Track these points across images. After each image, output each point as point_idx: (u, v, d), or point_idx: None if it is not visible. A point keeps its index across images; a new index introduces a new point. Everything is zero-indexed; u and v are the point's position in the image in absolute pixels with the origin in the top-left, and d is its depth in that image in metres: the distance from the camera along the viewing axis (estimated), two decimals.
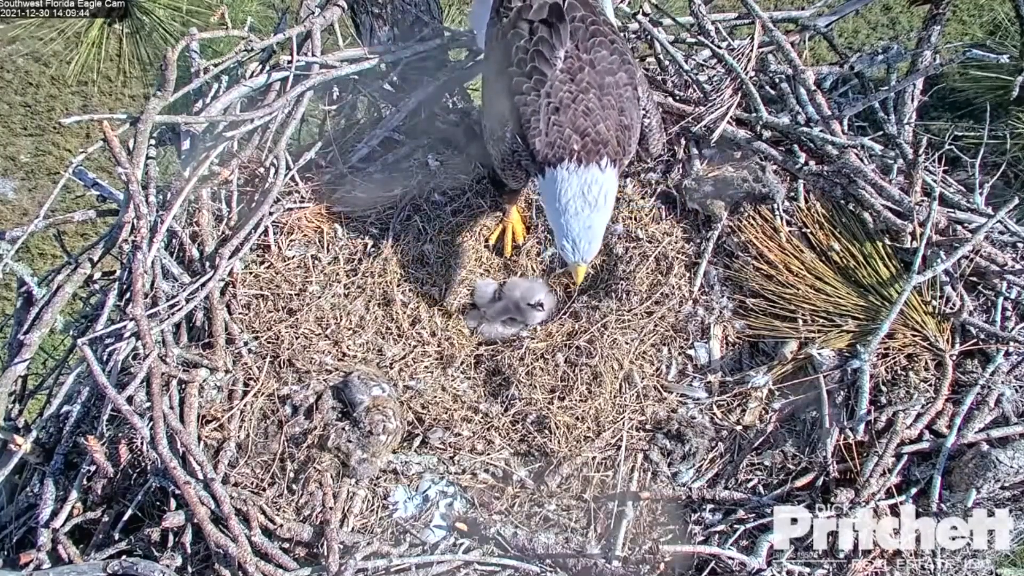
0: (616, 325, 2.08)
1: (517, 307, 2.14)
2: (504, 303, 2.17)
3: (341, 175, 2.30)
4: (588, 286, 2.20)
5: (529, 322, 2.14)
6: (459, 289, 2.23)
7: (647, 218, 2.24)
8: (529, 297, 2.13)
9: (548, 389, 2.01)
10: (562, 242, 1.75)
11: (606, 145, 1.74)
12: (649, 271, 2.17)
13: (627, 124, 1.78)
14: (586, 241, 1.73)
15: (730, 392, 2.00)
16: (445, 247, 2.25)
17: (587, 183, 1.72)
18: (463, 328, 2.20)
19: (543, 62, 1.72)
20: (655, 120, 1.94)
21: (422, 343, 2.14)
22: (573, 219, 1.71)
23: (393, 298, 2.16)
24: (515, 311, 2.15)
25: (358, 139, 2.31)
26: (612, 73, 1.77)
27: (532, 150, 1.71)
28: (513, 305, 2.15)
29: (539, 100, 1.71)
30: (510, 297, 2.16)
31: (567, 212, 1.71)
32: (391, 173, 2.29)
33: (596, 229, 1.74)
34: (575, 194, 1.72)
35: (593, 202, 1.71)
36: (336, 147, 2.28)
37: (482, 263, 2.28)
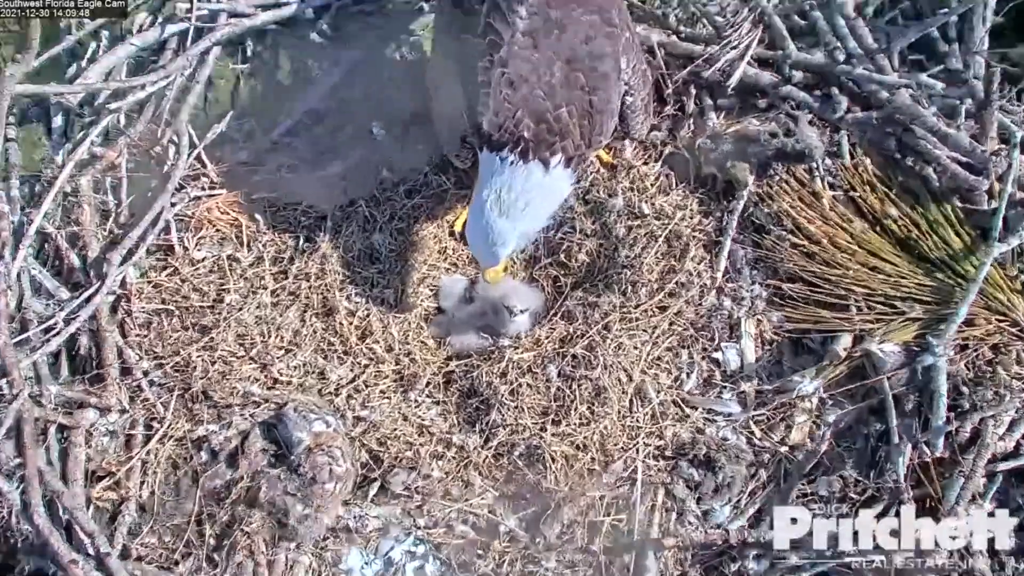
0: (621, 326, 1.98)
1: (494, 311, 2.03)
2: (478, 306, 2.07)
3: (262, 153, 2.21)
4: (583, 277, 2.12)
5: (510, 330, 2.03)
6: (420, 290, 2.12)
7: (653, 188, 2.15)
8: (510, 299, 2.01)
9: (539, 411, 1.93)
10: (471, 236, 1.72)
11: (563, 138, 1.67)
12: (659, 255, 2.08)
13: (598, 109, 1.69)
14: (496, 246, 1.69)
15: (770, 404, 1.93)
16: (400, 237, 2.14)
17: (524, 183, 1.67)
18: (427, 339, 2.08)
19: (500, 20, 1.64)
20: (641, 98, 1.86)
21: (375, 361, 2.03)
22: (490, 216, 1.66)
23: (336, 306, 2.05)
24: (492, 316, 2.04)
25: (282, 107, 2.22)
26: (587, 39, 1.67)
27: (478, 127, 1.66)
28: (490, 308, 2.04)
29: (492, 70, 1.63)
30: (485, 298, 2.05)
31: (486, 208, 1.67)
32: (326, 147, 2.19)
33: (509, 236, 1.69)
34: (504, 190, 1.67)
35: (521, 207, 1.65)
36: (254, 118, 2.20)
37: (447, 255, 2.17)
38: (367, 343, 2.03)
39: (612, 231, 2.13)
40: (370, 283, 2.11)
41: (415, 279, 2.12)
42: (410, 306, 2.09)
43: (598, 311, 2.02)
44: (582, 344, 1.96)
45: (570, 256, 2.16)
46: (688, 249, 2.07)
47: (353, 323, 2.05)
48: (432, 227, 2.18)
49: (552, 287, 2.17)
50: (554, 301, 2.11)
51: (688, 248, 2.07)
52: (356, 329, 2.05)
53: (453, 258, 2.19)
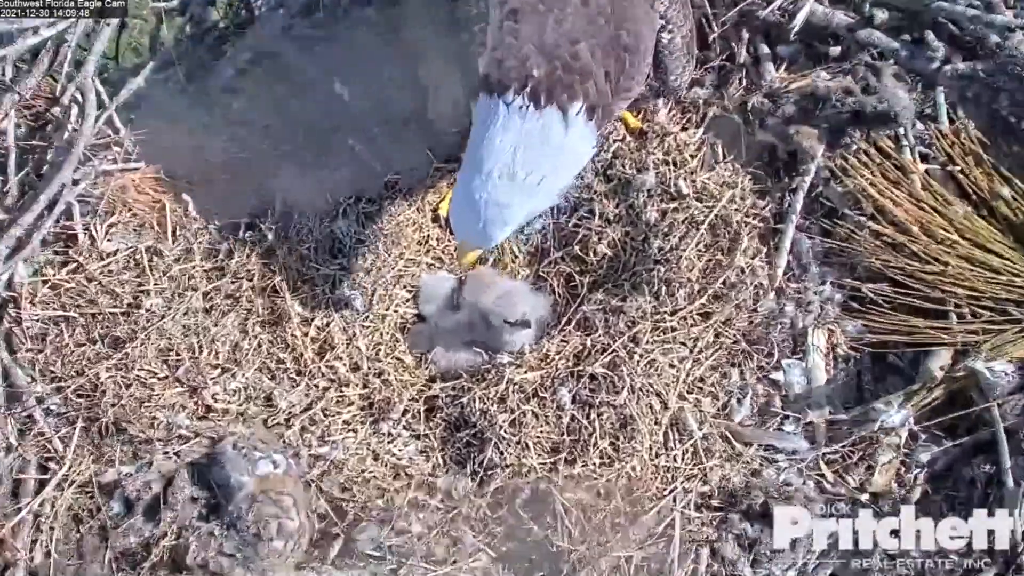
0: (653, 337, 1.93)
1: (486, 322, 1.98)
2: (466, 315, 2.03)
3: (192, 114, 2.14)
4: (604, 275, 2.09)
5: (508, 344, 1.98)
6: (395, 291, 2.08)
7: (694, 161, 2.09)
8: (507, 306, 1.97)
9: (548, 448, 1.88)
10: (457, 207, 1.62)
11: (584, 79, 1.56)
12: (702, 247, 2.02)
13: (627, 46, 1.62)
14: (492, 224, 1.58)
15: (846, 439, 1.87)
16: (369, 224, 2.09)
17: (539, 139, 1.56)
18: (404, 355, 2.04)
19: None
20: (682, 35, 1.78)
21: (337, 383, 1.99)
22: (488, 183, 1.54)
23: (286, 312, 2.01)
24: (484, 329, 1.99)
25: (217, 54, 2.17)
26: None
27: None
28: (481, 319, 1.99)
29: (492, 8, 1.62)
30: (476, 305, 2.01)
31: (484, 170, 1.55)
32: (275, 108, 2.14)
33: (515, 212, 1.59)
34: (509, 147, 1.55)
35: (533, 172, 1.54)
36: (182, 68, 2.13)
37: (430, 247, 2.13)
38: (327, 360, 1.99)
39: (641, 216, 2.07)
40: (331, 282, 2.06)
41: (389, 278, 2.08)
42: (382, 312, 2.05)
43: (623, 319, 1.96)
44: (603, 361, 1.90)
45: (587, 248, 2.11)
46: (739, 239, 2.01)
47: (309, 334, 2.00)
48: (411, 210, 2.12)
49: (564, 288, 2.12)
50: (567, 306, 2.06)
51: (739, 238, 2.01)
52: (313, 342, 2.01)
53: (437, 250, 2.14)
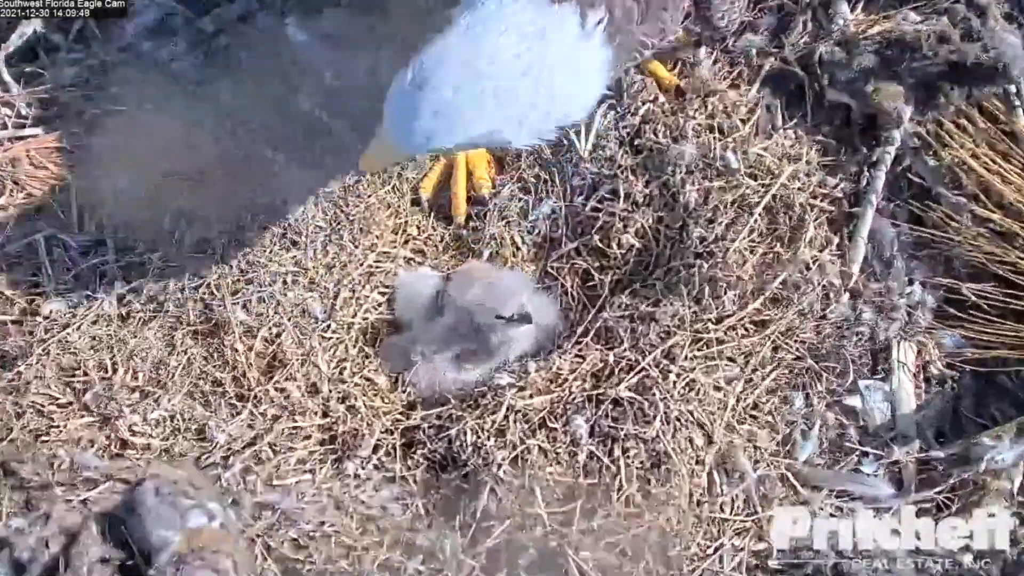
0: (694, 352, 1.90)
1: (474, 326, 1.96)
2: (454, 318, 2.00)
3: (103, 70, 2.16)
4: (631, 273, 2.09)
5: (504, 352, 1.98)
6: (364, 293, 2.08)
7: (745, 127, 2.07)
8: (501, 302, 1.94)
9: (559, 494, 1.83)
10: (399, 84, 1.57)
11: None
12: (756, 236, 1.99)
13: None
14: (443, 116, 1.53)
15: (942, 483, 1.83)
16: (332, 208, 2.11)
17: (545, 32, 1.55)
18: (376, 374, 2.03)
19: None
20: None
21: (290, 411, 1.94)
22: (465, 68, 1.51)
23: (225, 319, 1.98)
24: (471, 333, 1.97)
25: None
26: None
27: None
28: (469, 322, 1.97)
29: None
30: (463, 304, 1.99)
31: (464, 53, 1.52)
32: (210, 59, 2.16)
33: (483, 115, 1.55)
34: (505, 32, 1.53)
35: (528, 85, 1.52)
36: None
37: (409, 236, 2.16)
38: (276, 381, 1.95)
39: (678, 198, 2.04)
40: (282, 281, 2.03)
41: (356, 276, 2.08)
42: (347, 319, 2.05)
43: (655, 328, 1.93)
44: (629, 382, 1.87)
45: (610, 238, 2.09)
46: (803, 227, 1.98)
47: (253, 348, 1.97)
48: (384, 190, 2.14)
49: (580, 289, 2.11)
50: (583, 312, 2.05)
51: (803, 225, 1.98)
52: (259, 358, 1.98)
53: (419, 241, 2.15)
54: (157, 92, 2.14)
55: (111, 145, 2.08)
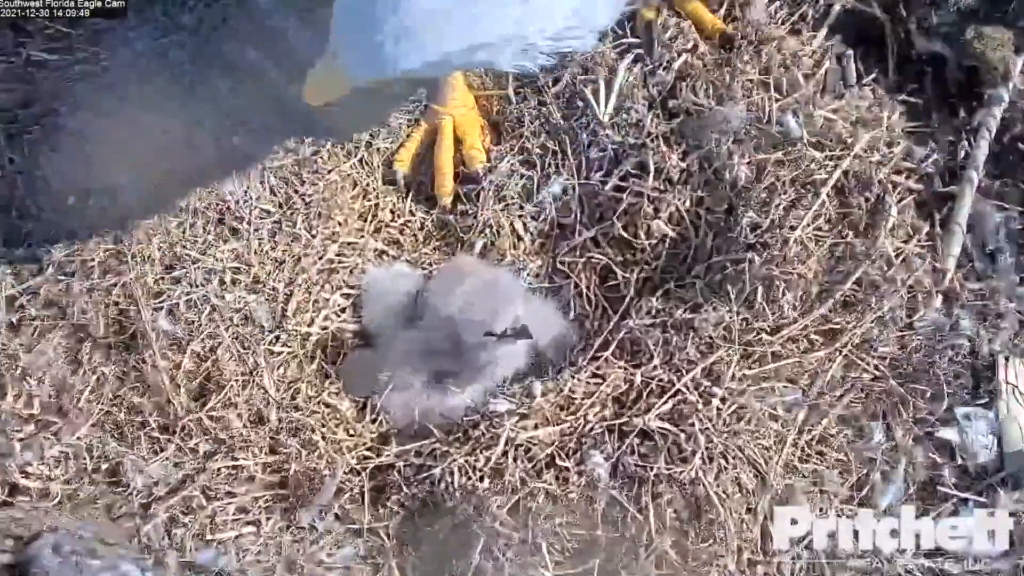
0: (744, 370, 1.89)
1: (454, 342, 1.96)
2: (433, 329, 2.01)
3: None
4: (663, 268, 2.10)
5: (491, 373, 1.99)
6: (322, 295, 2.11)
7: (810, 84, 2.08)
8: (491, 313, 1.94)
9: (573, 552, 1.81)
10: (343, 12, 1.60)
11: None
12: (823, 223, 1.99)
13: None
14: (416, 31, 1.53)
15: None
16: (283, 187, 2.13)
17: None
18: (339, 399, 2.03)
19: None
20: None
21: (230, 445, 1.94)
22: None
23: (144, 329, 1.97)
24: (452, 350, 1.98)
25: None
26: None
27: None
28: (447, 336, 1.97)
29: None
30: (439, 312, 1.99)
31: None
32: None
33: (472, 21, 1.55)
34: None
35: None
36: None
37: (380, 223, 2.19)
38: (211, 408, 1.95)
39: (724, 174, 2.04)
40: (219, 280, 2.05)
41: (313, 273, 2.10)
42: (300, 327, 2.08)
43: (694, 340, 1.92)
44: (661, 409, 1.84)
45: (636, 226, 2.09)
46: (883, 211, 1.99)
47: (182, 366, 1.98)
48: (349, 164, 2.17)
49: (599, 289, 2.12)
50: (602, 319, 2.08)
51: (883, 209, 1.99)
52: (188, 378, 1.99)
53: (394, 229, 2.18)
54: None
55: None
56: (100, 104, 2.34)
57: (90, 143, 2.30)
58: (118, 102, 2.35)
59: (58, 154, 2.26)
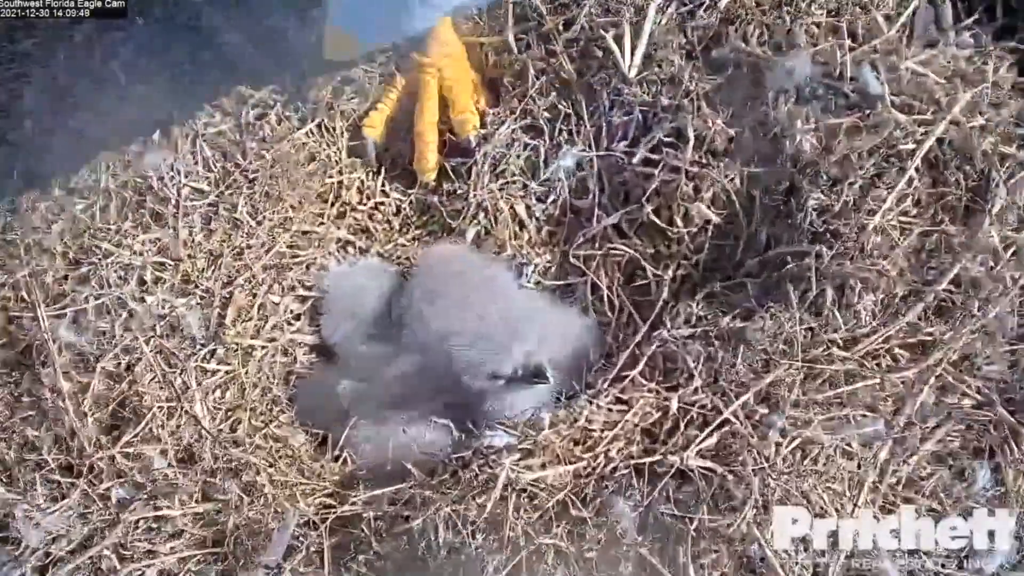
0: (808, 393, 1.85)
1: (451, 374, 1.97)
2: (415, 345, 2.01)
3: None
4: (706, 264, 2.09)
5: (497, 413, 1.96)
6: (269, 297, 2.13)
7: (893, 29, 2.03)
8: (495, 345, 1.93)
9: None
10: None
11: None
12: (910, 205, 1.93)
13: None
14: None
15: None
16: (218, 155, 2.16)
17: None
18: (292, 432, 2.03)
19: None
20: None
21: (151, 492, 1.91)
22: None
23: (41, 342, 1.98)
24: (450, 385, 1.97)
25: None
26: None
27: None
28: (444, 367, 1.96)
29: None
30: (436, 329, 1.97)
31: None
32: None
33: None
34: None
35: None
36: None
37: (345, 206, 2.24)
38: (128, 443, 1.92)
39: (783, 143, 2.01)
40: (137, 278, 2.07)
41: (258, 271, 2.11)
42: (243, 342, 2.09)
43: (746, 355, 1.89)
44: (704, 443, 1.80)
45: (671, 210, 2.08)
46: (987, 190, 1.93)
47: (90, 389, 1.95)
48: (304, 131, 2.23)
49: (623, 290, 2.12)
50: (627, 327, 2.08)
51: (987, 187, 1.93)
52: (98, 405, 1.95)
53: (362, 214, 2.23)
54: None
55: None
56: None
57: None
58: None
59: None
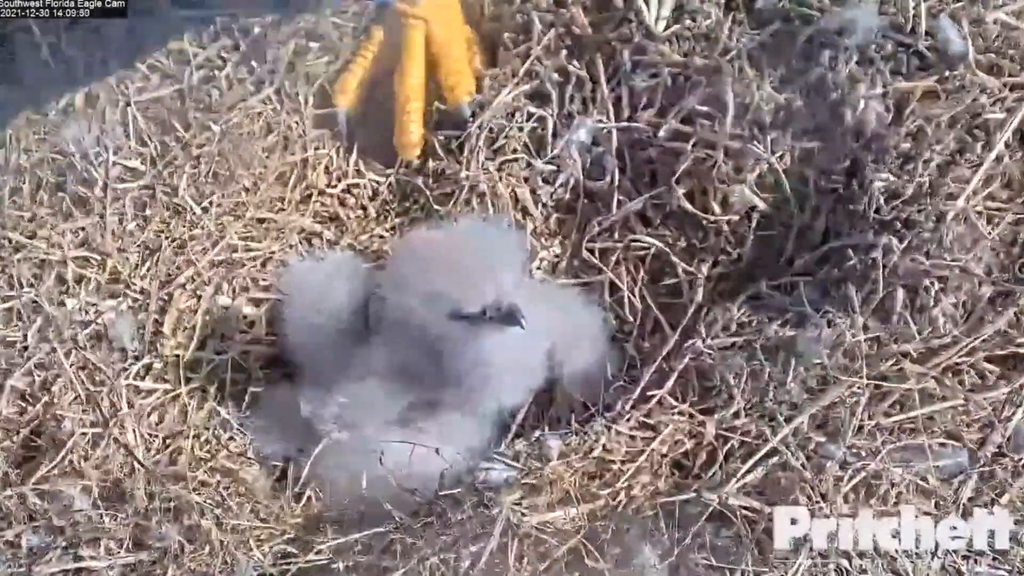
0: (875, 421, 1.82)
1: (426, 351, 1.95)
2: (394, 339, 1.98)
3: None
4: (749, 259, 2.07)
5: (477, 396, 1.95)
6: (217, 297, 2.12)
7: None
8: (463, 283, 1.87)
9: None
10: None
11: None
12: (998, 187, 1.92)
13: None
14: None
15: None
16: (153, 125, 2.18)
17: None
18: (243, 464, 2.01)
19: None
20: None
21: (71, 537, 1.89)
22: None
23: None
24: (425, 367, 1.95)
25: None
26: None
27: None
28: (408, 331, 1.94)
29: None
30: (399, 309, 1.96)
31: None
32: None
33: None
34: None
35: None
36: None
37: (311, 188, 2.24)
38: (42, 478, 1.90)
39: (843, 113, 1.97)
40: (55, 276, 2.06)
41: (204, 268, 2.12)
42: (175, 354, 2.08)
43: (798, 371, 1.85)
44: (747, 478, 1.77)
45: (707, 193, 2.05)
46: None
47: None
48: (258, 97, 2.23)
49: (648, 291, 2.09)
50: (652, 336, 2.07)
51: None
52: (4, 430, 1.97)
53: (330, 201, 2.23)
54: None
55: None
56: None
57: None
58: None
59: None
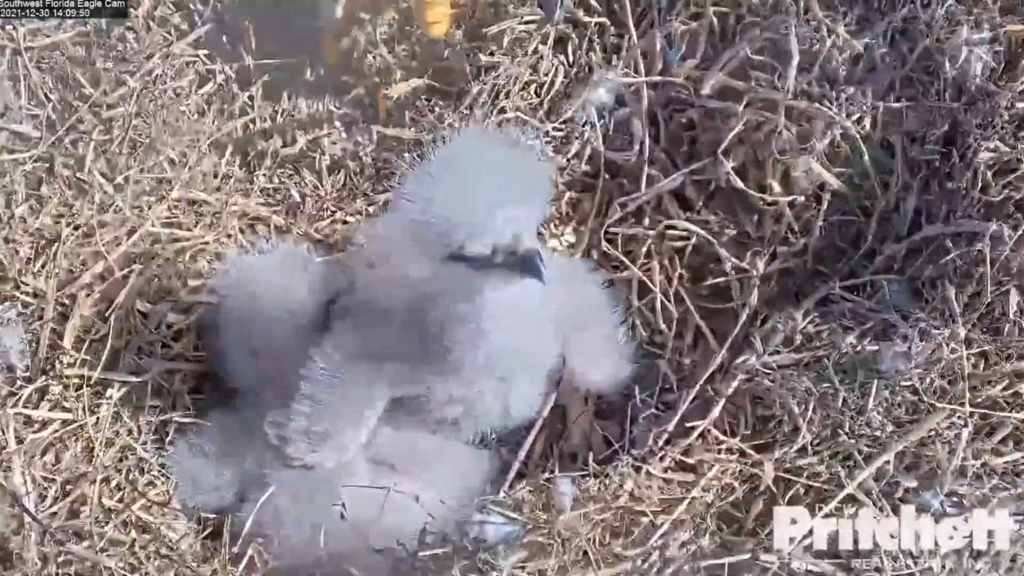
0: (981, 458, 1.80)
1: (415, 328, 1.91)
2: (372, 324, 1.95)
3: None
4: (818, 248, 2.04)
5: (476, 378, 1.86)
6: (137, 307, 2.04)
7: None
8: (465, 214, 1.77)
9: None
10: None
11: None
12: None
13: None
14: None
15: None
16: (55, 82, 2.18)
17: None
18: (169, 518, 1.94)
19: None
20: None
21: None
22: None
23: None
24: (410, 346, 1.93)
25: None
26: None
27: None
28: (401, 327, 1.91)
29: None
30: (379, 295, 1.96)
31: None
32: None
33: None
34: None
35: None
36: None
37: (255, 161, 2.24)
38: None
39: (938, 70, 1.92)
40: None
41: (115, 261, 2.01)
42: (76, 374, 1.97)
43: (880, 395, 1.81)
44: (811, 523, 1.72)
45: (761, 169, 2.03)
46: None
47: None
48: (186, 41, 2.29)
49: (686, 291, 2.04)
50: (693, 351, 2.04)
51: None
52: None
53: (279, 178, 2.22)
54: None
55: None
56: None
57: None
58: None
59: None
